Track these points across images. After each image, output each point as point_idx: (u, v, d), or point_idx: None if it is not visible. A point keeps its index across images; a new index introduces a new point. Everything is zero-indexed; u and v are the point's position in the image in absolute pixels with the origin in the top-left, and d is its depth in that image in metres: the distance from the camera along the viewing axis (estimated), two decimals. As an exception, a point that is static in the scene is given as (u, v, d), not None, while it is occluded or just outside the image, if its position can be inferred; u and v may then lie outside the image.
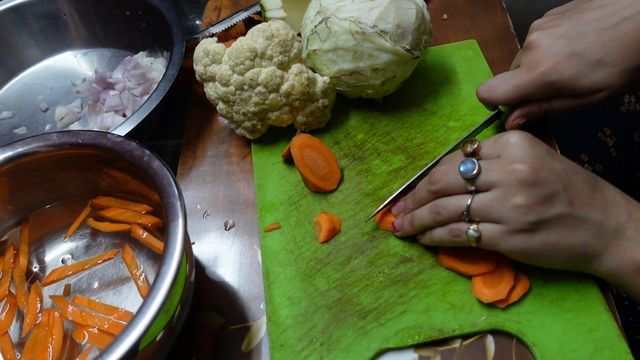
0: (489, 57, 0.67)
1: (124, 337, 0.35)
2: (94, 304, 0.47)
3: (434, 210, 0.45)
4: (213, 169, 0.61)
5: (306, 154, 0.55)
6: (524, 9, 0.99)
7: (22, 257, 0.50)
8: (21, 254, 0.51)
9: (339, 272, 0.50)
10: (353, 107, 0.63)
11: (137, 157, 0.45)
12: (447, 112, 0.61)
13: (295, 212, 0.55)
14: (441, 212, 0.44)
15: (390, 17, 0.53)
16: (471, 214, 0.42)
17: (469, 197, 0.42)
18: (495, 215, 0.41)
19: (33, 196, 0.53)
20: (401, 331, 0.46)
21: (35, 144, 0.48)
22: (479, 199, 0.42)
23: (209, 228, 0.56)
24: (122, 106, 0.67)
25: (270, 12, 0.70)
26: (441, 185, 0.44)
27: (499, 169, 0.41)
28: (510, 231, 0.41)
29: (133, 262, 0.50)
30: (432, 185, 0.45)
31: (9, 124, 0.72)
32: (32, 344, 0.45)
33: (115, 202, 0.53)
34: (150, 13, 0.71)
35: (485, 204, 0.41)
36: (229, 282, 0.52)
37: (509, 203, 0.40)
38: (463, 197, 0.43)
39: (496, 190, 0.41)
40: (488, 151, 0.43)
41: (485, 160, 0.43)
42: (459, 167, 0.43)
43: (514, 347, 0.45)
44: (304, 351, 0.46)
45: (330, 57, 0.56)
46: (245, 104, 0.56)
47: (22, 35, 0.76)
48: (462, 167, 0.43)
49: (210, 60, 0.56)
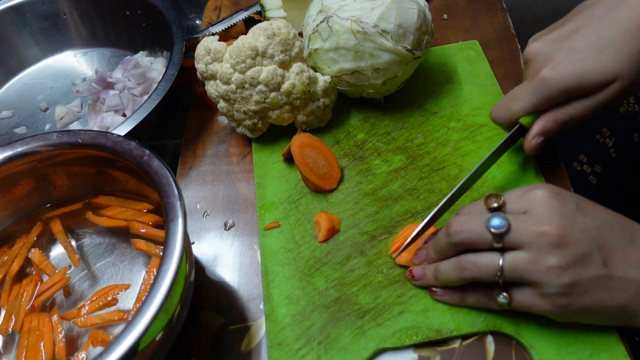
0: (489, 57, 0.66)
1: (124, 337, 0.35)
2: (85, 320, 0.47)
3: (459, 267, 0.42)
4: (213, 168, 0.61)
5: (306, 153, 0.55)
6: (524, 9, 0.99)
7: (20, 257, 0.50)
8: (20, 254, 0.51)
9: (338, 272, 0.50)
10: (354, 107, 0.63)
11: (136, 156, 0.45)
12: (448, 113, 0.61)
13: (294, 211, 0.55)
14: (469, 268, 0.42)
15: (391, 17, 0.53)
16: (505, 275, 0.40)
17: (498, 255, 0.40)
18: (531, 277, 0.39)
19: (33, 196, 0.52)
20: (399, 331, 0.45)
21: (35, 144, 0.48)
22: (512, 259, 0.39)
23: (209, 228, 0.56)
24: (122, 106, 0.67)
25: (270, 11, 0.70)
26: (463, 237, 0.42)
27: (527, 227, 0.39)
28: (544, 294, 0.39)
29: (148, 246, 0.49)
30: (453, 237, 0.42)
31: (8, 123, 0.72)
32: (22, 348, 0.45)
33: (116, 201, 0.53)
34: (150, 13, 0.71)
35: (519, 265, 0.39)
36: (228, 282, 0.52)
37: (543, 265, 0.38)
38: (493, 256, 0.40)
39: (527, 251, 0.39)
40: (514, 207, 0.41)
41: (512, 214, 0.40)
42: (488, 221, 0.40)
43: (514, 348, 0.45)
44: (301, 350, 0.46)
45: (331, 57, 0.56)
46: (246, 102, 0.56)
47: (22, 34, 0.76)
48: (492, 221, 0.40)
49: (212, 59, 0.56)
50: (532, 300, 0.40)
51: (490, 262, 0.40)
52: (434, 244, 0.46)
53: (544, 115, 0.49)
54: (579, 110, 0.47)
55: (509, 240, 0.39)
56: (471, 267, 0.41)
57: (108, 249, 0.52)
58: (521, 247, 0.39)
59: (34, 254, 0.50)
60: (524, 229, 0.39)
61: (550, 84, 0.46)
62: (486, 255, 0.41)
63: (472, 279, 0.42)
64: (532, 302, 0.40)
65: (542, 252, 0.38)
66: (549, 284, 0.38)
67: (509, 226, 0.39)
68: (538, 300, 0.40)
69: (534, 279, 0.39)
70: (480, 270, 0.41)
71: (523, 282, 0.40)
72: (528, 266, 0.39)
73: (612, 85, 0.45)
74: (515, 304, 0.41)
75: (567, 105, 0.47)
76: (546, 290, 0.39)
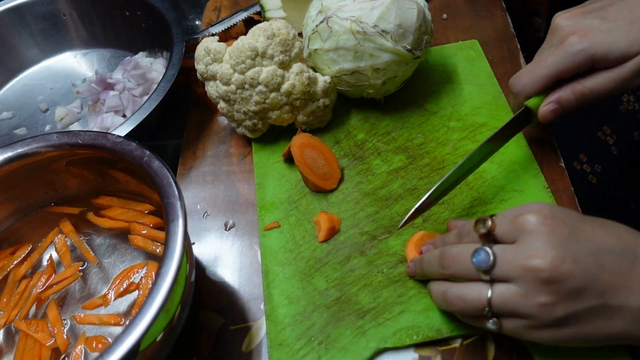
0: (489, 56, 0.66)
1: (124, 338, 0.35)
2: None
3: (446, 299, 0.41)
4: (213, 169, 0.61)
5: (306, 154, 0.55)
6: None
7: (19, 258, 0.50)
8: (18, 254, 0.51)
9: (338, 272, 0.50)
10: (354, 107, 0.63)
11: (137, 157, 0.45)
12: (448, 113, 0.61)
13: (295, 211, 0.55)
14: (456, 303, 0.40)
15: (391, 17, 0.53)
16: (493, 309, 0.38)
17: (487, 288, 0.38)
18: (521, 311, 0.37)
19: (33, 197, 0.53)
20: (399, 331, 0.45)
21: (35, 145, 0.48)
22: (500, 293, 0.37)
23: (209, 228, 0.56)
24: (122, 106, 0.67)
25: (270, 12, 0.70)
26: (453, 271, 0.40)
27: (515, 261, 0.37)
28: (535, 326, 0.37)
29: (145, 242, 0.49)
30: (444, 270, 0.41)
31: (8, 124, 0.72)
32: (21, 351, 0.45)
33: (117, 202, 0.53)
34: (150, 13, 0.71)
35: (507, 299, 0.37)
36: (229, 282, 0.52)
37: (533, 300, 0.36)
38: (481, 289, 0.38)
39: (516, 285, 0.37)
40: (503, 231, 0.39)
41: (500, 245, 0.38)
42: (472, 257, 0.38)
43: (514, 348, 0.45)
44: (302, 350, 0.46)
45: (331, 57, 0.56)
46: (246, 103, 0.56)
47: (22, 35, 0.76)
48: (475, 258, 0.38)
49: (212, 59, 0.56)
50: (523, 330, 0.38)
51: (477, 296, 0.38)
52: (425, 264, 0.44)
53: (563, 86, 0.48)
54: (599, 84, 0.46)
55: (496, 275, 0.38)
56: (458, 302, 0.40)
57: (108, 250, 0.52)
58: (509, 280, 0.37)
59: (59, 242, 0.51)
60: (511, 262, 0.37)
61: (578, 48, 0.46)
62: (474, 287, 0.39)
63: (461, 313, 0.41)
64: (522, 332, 0.38)
65: (532, 288, 0.36)
66: (540, 318, 0.36)
67: (494, 260, 0.37)
68: (530, 331, 0.38)
69: (524, 313, 0.37)
70: (467, 305, 0.39)
71: (514, 316, 0.38)
72: (517, 300, 0.37)
73: (636, 58, 0.45)
74: (505, 332, 0.39)
75: (588, 77, 0.47)
76: (538, 323, 0.37)
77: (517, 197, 0.52)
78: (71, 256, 0.51)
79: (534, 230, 0.37)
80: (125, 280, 0.48)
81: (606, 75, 0.46)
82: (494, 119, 0.59)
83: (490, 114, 0.60)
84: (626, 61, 0.45)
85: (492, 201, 0.52)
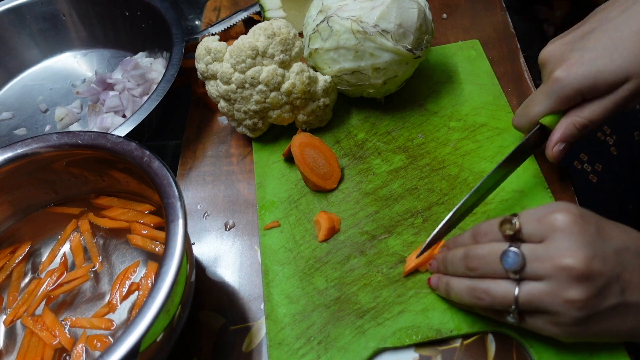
0: (489, 56, 0.66)
1: (125, 338, 0.35)
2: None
3: (473, 295, 0.41)
4: (213, 169, 0.61)
5: (306, 153, 0.55)
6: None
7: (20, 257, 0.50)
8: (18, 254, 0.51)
9: (338, 271, 0.50)
10: (354, 106, 0.63)
11: (137, 157, 0.45)
12: (449, 112, 0.61)
13: (295, 210, 0.55)
14: (483, 298, 0.41)
15: (391, 17, 0.53)
16: (519, 306, 0.39)
17: (514, 286, 0.39)
18: (547, 308, 0.38)
19: (33, 197, 0.52)
20: (399, 331, 0.45)
21: (35, 145, 0.48)
22: (527, 291, 0.38)
23: (209, 228, 0.56)
24: (121, 107, 0.67)
25: (269, 12, 0.70)
26: (481, 273, 0.41)
27: (546, 261, 0.37)
28: (557, 323, 0.38)
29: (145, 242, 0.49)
30: (471, 272, 0.42)
31: (8, 125, 0.72)
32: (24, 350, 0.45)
33: (117, 202, 0.53)
34: (149, 13, 0.71)
35: (534, 297, 0.38)
36: (229, 282, 0.52)
37: (561, 297, 0.37)
38: (508, 286, 0.39)
39: (546, 283, 0.37)
40: (530, 231, 0.39)
41: (528, 244, 0.39)
42: (501, 260, 0.39)
43: (515, 347, 0.45)
44: (301, 349, 0.46)
45: (331, 56, 0.56)
46: (247, 102, 0.56)
47: (21, 36, 0.76)
48: (504, 261, 0.38)
49: (212, 58, 0.56)
50: (544, 325, 0.39)
51: (505, 293, 0.39)
52: (449, 264, 0.44)
53: (563, 121, 0.48)
54: (596, 112, 0.47)
55: (526, 274, 0.38)
56: (485, 297, 0.40)
57: (108, 250, 0.52)
58: (540, 279, 0.38)
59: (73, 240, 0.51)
60: (543, 261, 0.37)
61: (564, 84, 0.46)
62: (502, 284, 0.39)
63: (485, 307, 0.42)
64: (542, 327, 0.39)
65: (563, 285, 0.37)
66: (565, 314, 0.37)
67: (524, 261, 0.38)
68: (549, 327, 0.39)
69: (549, 309, 0.38)
70: (494, 301, 0.40)
71: (537, 310, 0.39)
72: (544, 298, 0.37)
73: (626, 84, 0.45)
74: (525, 326, 0.40)
75: (584, 108, 0.47)
76: (561, 320, 0.38)
77: (517, 197, 0.52)
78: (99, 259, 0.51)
79: (565, 229, 0.37)
80: (125, 281, 0.47)
81: (601, 104, 0.46)
82: (494, 119, 0.59)
83: (490, 114, 0.60)
84: (616, 88, 0.45)
85: (492, 201, 0.52)
